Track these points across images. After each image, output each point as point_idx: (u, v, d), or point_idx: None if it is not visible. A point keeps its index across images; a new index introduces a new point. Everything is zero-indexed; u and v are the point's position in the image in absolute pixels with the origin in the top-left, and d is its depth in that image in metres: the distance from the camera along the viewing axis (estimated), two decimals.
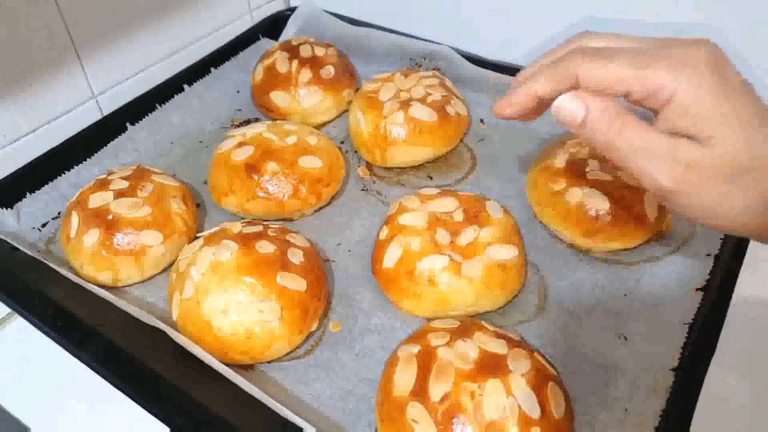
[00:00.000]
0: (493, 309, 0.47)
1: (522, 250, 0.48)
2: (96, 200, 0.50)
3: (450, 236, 0.47)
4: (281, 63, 0.66)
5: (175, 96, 0.68)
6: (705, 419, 0.39)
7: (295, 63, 0.66)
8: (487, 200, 0.51)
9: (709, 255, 0.49)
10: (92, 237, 0.48)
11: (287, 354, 0.45)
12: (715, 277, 0.47)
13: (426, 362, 0.38)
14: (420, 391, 0.36)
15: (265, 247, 0.45)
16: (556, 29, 0.65)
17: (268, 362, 0.45)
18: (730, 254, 0.49)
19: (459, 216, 0.48)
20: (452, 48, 0.71)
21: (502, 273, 0.46)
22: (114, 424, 0.43)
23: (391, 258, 0.47)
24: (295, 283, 0.44)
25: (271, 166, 0.54)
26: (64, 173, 0.59)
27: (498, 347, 0.38)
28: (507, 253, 0.46)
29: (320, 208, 0.57)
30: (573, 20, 0.66)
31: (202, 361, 0.42)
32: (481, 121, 0.65)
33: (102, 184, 0.51)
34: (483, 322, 0.42)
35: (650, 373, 0.42)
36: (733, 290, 0.46)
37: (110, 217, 0.49)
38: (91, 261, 0.49)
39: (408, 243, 0.47)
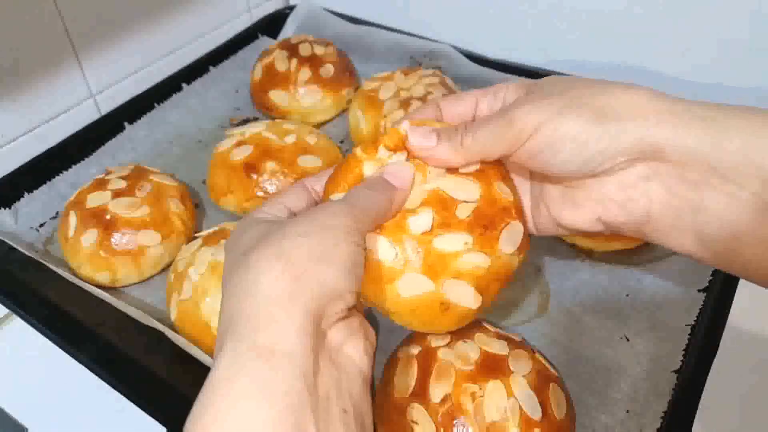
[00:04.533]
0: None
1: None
2: (94, 200, 0.49)
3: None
4: (280, 62, 0.66)
5: (174, 95, 0.68)
6: (707, 421, 0.39)
7: (294, 62, 0.65)
8: None
9: None
10: (90, 237, 0.48)
11: None
12: (718, 278, 0.47)
13: (426, 363, 0.37)
14: (420, 393, 0.36)
15: None
16: (557, 28, 0.65)
17: None
18: None
19: None
20: (453, 46, 0.71)
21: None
22: (111, 425, 0.43)
23: None
24: None
25: (270, 165, 0.53)
26: (62, 173, 0.58)
27: (499, 348, 0.38)
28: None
29: None
30: (572, 19, 0.66)
31: (200, 362, 0.42)
32: None
33: (100, 184, 0.51)
34: (484, 323, 0.41)
35: (652, 375, 0.42)
36: (735, 291, 0.45)
37: (108, 217, 0.48)
38: (89, 261, 0.48)
39: None
